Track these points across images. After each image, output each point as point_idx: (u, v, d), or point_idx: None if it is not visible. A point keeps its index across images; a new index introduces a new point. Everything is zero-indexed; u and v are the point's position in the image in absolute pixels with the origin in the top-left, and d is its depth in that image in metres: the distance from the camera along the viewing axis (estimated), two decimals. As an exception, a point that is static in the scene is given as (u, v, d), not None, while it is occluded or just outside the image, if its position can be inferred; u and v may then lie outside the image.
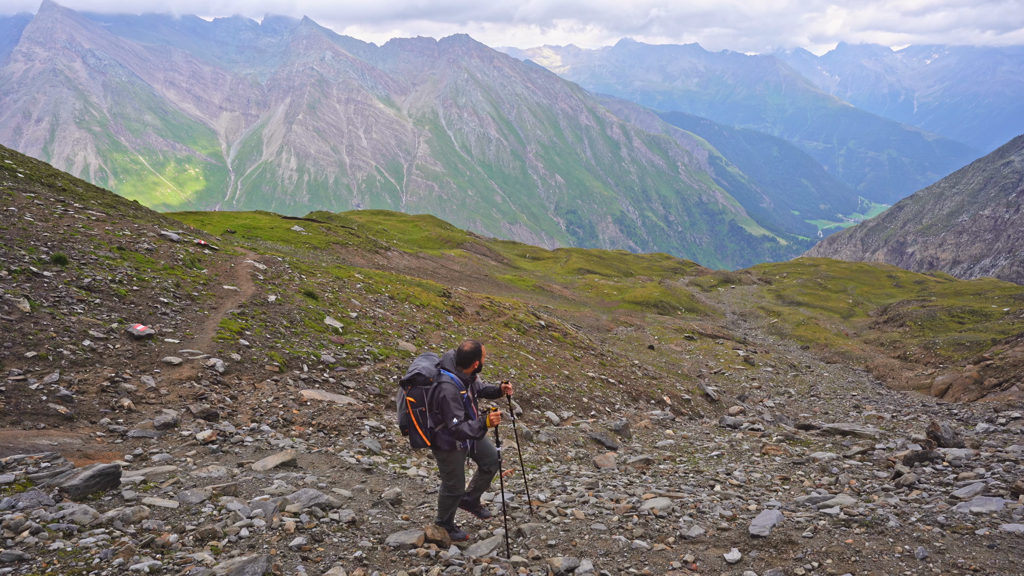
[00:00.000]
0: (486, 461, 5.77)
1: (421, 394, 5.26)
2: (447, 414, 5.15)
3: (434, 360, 5.46)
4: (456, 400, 5.18)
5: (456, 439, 5.22)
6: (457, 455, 5.39)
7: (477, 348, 5.40)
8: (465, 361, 5.36)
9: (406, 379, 5.33)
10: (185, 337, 9.79)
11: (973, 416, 12.92)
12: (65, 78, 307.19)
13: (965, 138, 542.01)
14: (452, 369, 5.37)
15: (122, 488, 5.39)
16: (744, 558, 4.88)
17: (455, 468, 5.45)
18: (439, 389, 5.21)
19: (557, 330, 20.59)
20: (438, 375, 5.29)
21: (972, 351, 25.32)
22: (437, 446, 5.33)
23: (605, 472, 8.57)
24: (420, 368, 5.32)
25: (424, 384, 5.25)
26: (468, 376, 5.43)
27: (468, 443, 5.40)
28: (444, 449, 5.32)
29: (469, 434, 5.17)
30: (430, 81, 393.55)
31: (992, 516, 5.29)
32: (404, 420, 5.38)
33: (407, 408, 5.32)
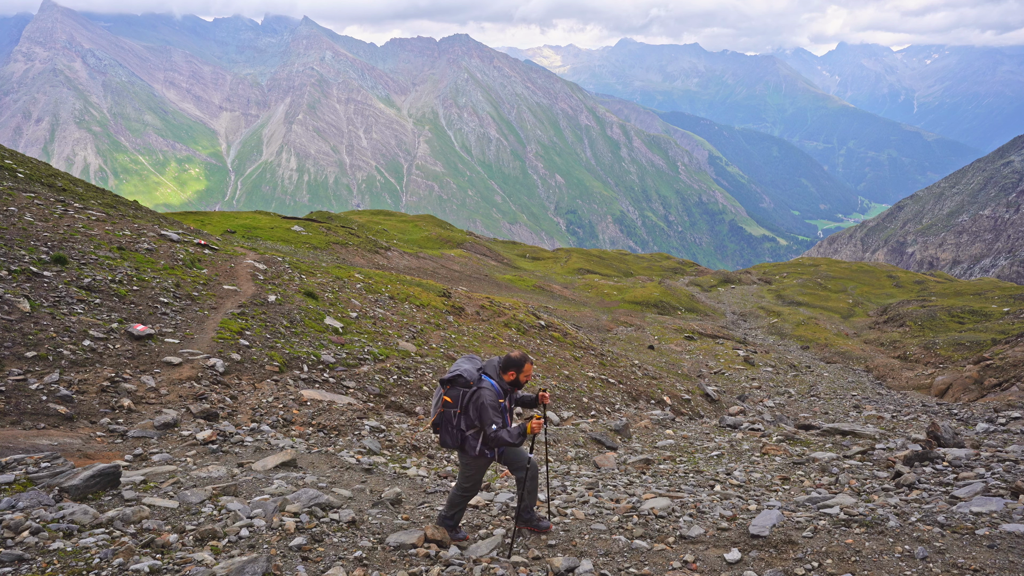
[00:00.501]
0: (516, 466, 5.62)
1: (459, 396, 5.21)
2: (484, 421, 5.08)
3: (477, 364, 5.40)
4: (494, 407, 5.10)
5: (493, 446, 5.13)
6: (482, 461, 5.32)
7: (522, 360, 5.31)
8: (505, 367, 5.29)
9: (447, 379, 5.27)
10: (185, 337, 9.79)
11: (973, 416, 12.92)
12: (65, 78, 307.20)
13: (965, 138, 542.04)
14: (494, 375, 5.31)
15: (122, 488, 5.39)
16: (744, 558, 4.88)
17: (476, 473, 5.40)
18: (477, 394, 5.15)
19: (557, 330, 20.59)
20: (479, 379, 5.23)
21: (972, 351, 25.32)
22: (464, 450, 5.28)
23: (605, 472, 8.57)
24: (462, 370, 5.25)
25: (464, 386, 5.20)
26: (508, 385, 5.33)
27: (498, 450, 5.31)
28: (471, 454, 5.26)
29: (508, 441, 5.07)
30: (430, 81, 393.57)
31: (992, 516, 5.29)
32: (437, 419, 5.35)
33: (442, 407, 5.28)
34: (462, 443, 5.26)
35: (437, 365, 12.81)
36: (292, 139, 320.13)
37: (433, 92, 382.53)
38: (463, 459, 5.37)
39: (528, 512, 5.63)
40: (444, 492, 6.80)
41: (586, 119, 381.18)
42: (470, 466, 5.36)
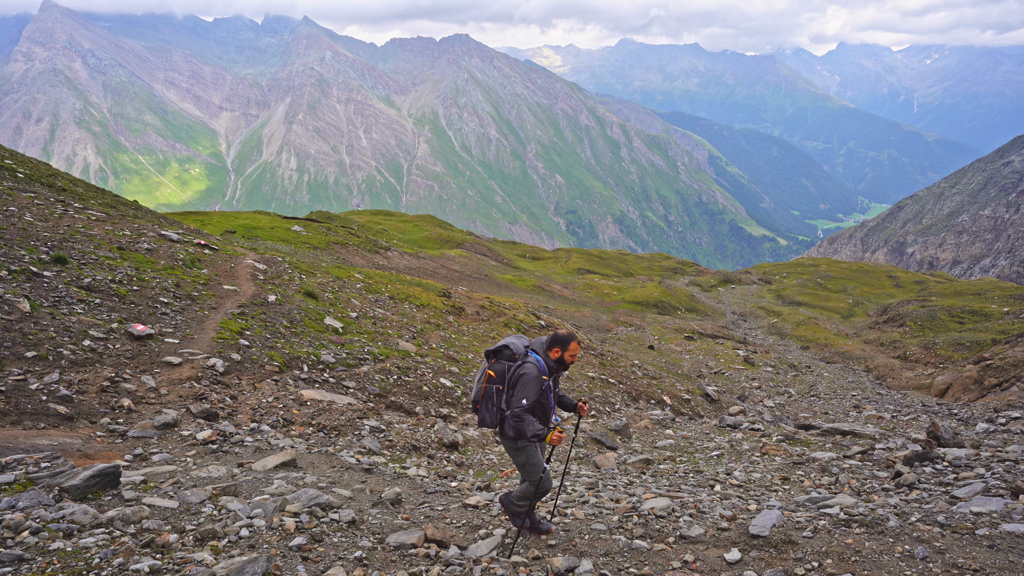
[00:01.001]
0: (528, 474, 5.38)
1: (503, 370, 4.96)
2: (518, 393, 4.81)
3: (525, 341, 5.16)
4: (535, 383, 4.83)
5: (513, 422, 4.83)
6: (527, 445, 5.00)
7: (568, 338, 5.05)
8: (550, 344, 5.04)
9: (492, 350, 5.04)
10: (185, 337, 9.79)
11: (973, 416, 12.92)
12: (65, 78, 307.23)
13: (965, 138, 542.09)
14: (540, 352, 5.06)
15: (122, 488, 5.39)
16: (744, 558, 4.88)
17: (529, 457, 5.02)
18: (522, 368, 4.89)
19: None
20: (525, 354, 5.00)
21: (972, 351, 25.32)
22: (504, 431, 4.98)
23: (605, 472, 8.57)
24: (509, 342, 5.01)
25: (509, 359, 4.97)
26: (553, 363, 5.06)
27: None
28: (511, 436, 4.95)
29: (525, 429, 4.80)
30: (430, 81, 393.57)
31: (992, 516, 5.29)
32: (477, 394, 5.09)
33: (484, 382, 5.03)
34: (501, 423, 4.97)
35: (437, 365, 12.82)
36: (292, 139, 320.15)
37: (433, 92, 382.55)
38: (506, 444, 5.04)
39: (521, 515, 5.39)
40: (444, 492, 6.79)
41: (586, 119, 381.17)
42: (520, 451, 4.99)
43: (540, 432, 4.84)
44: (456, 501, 6.41)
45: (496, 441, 10.15)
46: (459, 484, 7.28)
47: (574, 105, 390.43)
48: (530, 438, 4.81)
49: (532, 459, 5.01)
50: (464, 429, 10.33)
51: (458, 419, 10.86)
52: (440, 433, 9.36)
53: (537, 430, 4.82)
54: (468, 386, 12.32)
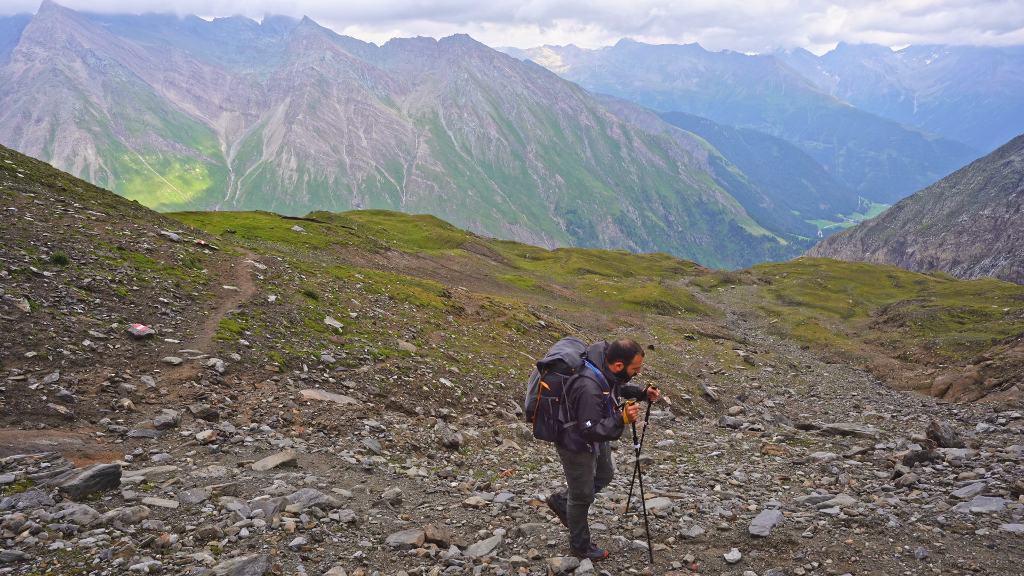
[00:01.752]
0: (604, 473, 5.12)
1: (558, 382, 4.70)
2: (580, 413, 4.59)
3: (580, 348, 4.88)
4: (596, 400, 4.58)
5: (588, 441, 4.65)
6: (586, 456, 4.81)
7: (632, 350, 4.72)
8: (612, 356, 4.74)
9: (546, 362, 4.76)
10: (185, 337, 9.79)
11: (973, 416, 12.92)
12: (65, 78, 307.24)
13: (965, 138, 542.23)
14: (598, 364, 4.77)
15: (122, 488, 5.38)
16: (744, 558, 4.88)
17: (583, 472, 4.85)
18: (579, 383, 4.63)
19: (557, 330, 20.59)
20: (581, 366, 4.71)
21: (972, 351, 25.31)
22: (563, 444, 4.76)
23: (605, 472, 8.57)
24: (563, 354, 4.74)
25: (564, 372, 4.69)
26: (614, 375, 4.78)
27: (599, 446, 4.82)
28: (571, 449, 4.74)
29: (603, 435, 4.56)
30: (430, 81, 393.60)
31: (992, 516, 5.29)
32: (532, 406, 4.86)
33: (539, 393, 4.79)
34: (560, 436, 4.74)
35: (437, 365, 12.81)
36: (292, 139, 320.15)
37: (433, 92, 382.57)
38: (564, 456, 4.86)
39: (576, 537, 5.12)
40: (444, 492, 6.79)
41: (586, 119, 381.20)
42: (573, 464, 4.83)
43: (617, 422, 4.61)
44: (456, 501, 6.41)
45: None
46: (459, 484, 7.28)
47: (574, 105, 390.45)
48: (613, 435, 4.58)
49: (586, 475, 4.86)
50: (464, 429, 10.33)
51: (458, 419, 10.86)
52: (440, 433, 9.36)
53: (609, 428, 4.59)
54: (468, 386, 12.32)
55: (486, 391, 12.49)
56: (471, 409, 11.49)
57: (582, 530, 4.99)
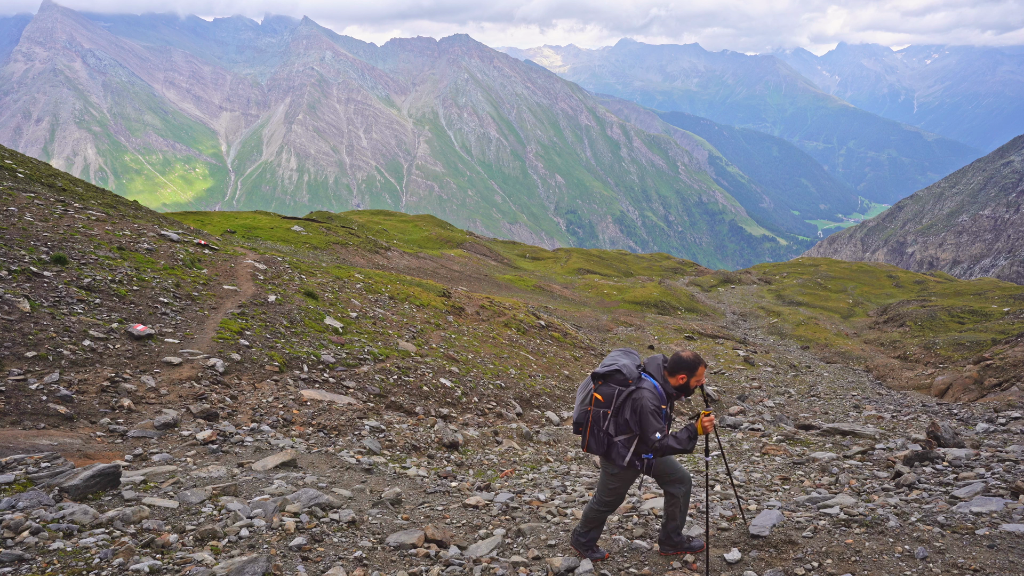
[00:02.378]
0: (670, 479, 4.84)
1: (612, 394, 4.51)
2: (646, 428, 4.41)
3: (635, 359, 4.69)
4: (656, 414, 4.42)
5: (660, 455, 4.47)
6: (631, 473, 4.67)
7: (695, 363, 4.55)
8: (674, 369, 4.56)
9: (601, 372, 4.58)
10: (185, 337, 9.79)
11: (973, 416, 12.91)
12: (65, 78, 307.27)
13: (965, 138, 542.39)
14: (657, 376, 4.59)
15: (122, 488, 5.38)
16: (744, 558, 4.88)
17: (622, 487, 4.78)
18: (637, 395, 4.45)
19: (557, 330, 20.59)
20: (638, 378, 4.54)
21: (972, 351, 25.31)
22: (611, 458, 4.61)
23: (605, 472, 8.56)
24: (620, 364, 4.55)
25: (620, 384, 4.51)
26: (674, 389, 4.60)
27: (647, 460, 4.59)
28: (618, 464, 4.59)
29: (677, 448, 4.41)
30: (430, 81, 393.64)
31: (992, 516, 5.29)
32: (582, 417, 4.69)
33: (591, 404, 4.62)
34: (608, 450, 4.59)
35: (437, 365, 12.81)
36: (292, 139, 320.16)
37: (433, 92, 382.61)
38: (608, 469, 4.72)
39: (678, 534, 4.95)
40: (444, 492, 6.79)
41: (586, 119, 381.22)
42: (616, 478, 4.71)
43: (690, 434, 4.44)
44: (456, 501, 6.41)
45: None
46: (459, 484, 7.28)
47: (574, 105, 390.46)
48: (686, 448, 4.43)
49: (623, 490, 4.77)
50: (464, 429, 10.33)
51: (458, 419, 10.86)
52: (440, 433, 9.36)
53: (683, 441, 4.43)
54: (468, 386, 12.31)
55: (486, 391, 12.49)
56: (471, 409, 11.49)
57: (593, 530, 4.93)
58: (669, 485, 4.85)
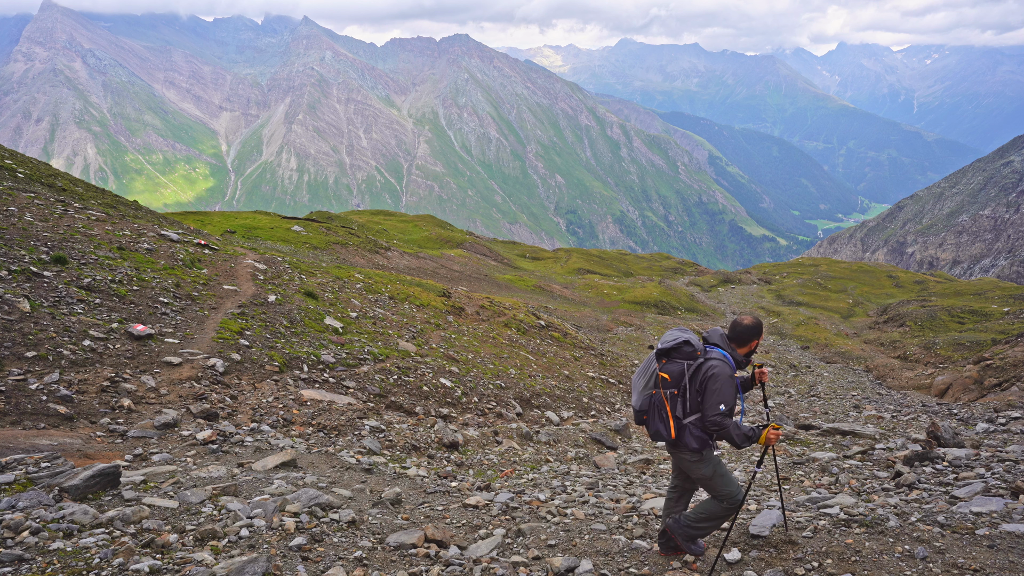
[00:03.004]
0: (719, 490, 4.50)
1: (681, 370, 4.11)
2: (710, 398, 4.02)
3: (690, 335, 4.32)
4: (730, 383, 4.03)
5: (714, 429, 4.07)
6: (711, 452, 4.28)
7: (758, 324, 4.25)
8: (743, 338, 4.22)
9: (667, 347, 4.17)
10: (185, 337, 9.79)
11: (973, 416, 12.91)
12: (65, 78, 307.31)
13: (965, 138, 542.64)
14: (724, 346, 4.26)
15: (122, 488, 5.38)
16: (744, 558, 4.88)
17: (718, 468, 4.31)
18: (708, 368, 4.06)
19: (557, 330, 20.58)
20: (705, 350, 4.19)
21: (972, 351, 25.31)
22: (683, 443, 4.21)
23: (605, 472, 8.57)
24: (687, 336, 4.18)
25: (688, 357, 4.14)
26: (742, 358, 4.28)
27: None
28: (693, 448, 4.20)
29: (732, 435, 4.06)
30: (430, 81, 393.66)
31: (992, 516, 5.29)
32: (645, 403, 4.25)
33: (657, 385, 4.19)
34: (679, 435, 4.18)
35: (437, 365, 12.81)
36: (292, 139, 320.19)
37: (433, 92, 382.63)
38: (686, 460, 4.28)
39: (691, 537, 4.63)
40: (444, 492, 6.78)
41: (586, 119, 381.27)
42: (705, 463, 4.24)
43: (751, 434, 4.11)
44: (456, 501, 6.41)
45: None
46: (459, 484, 7.27)
47: (574, 105, 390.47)
48: (739, 443, 4.08)
49: (720, 469, 4.33)
50: (464, 429, 10.33)
51: (458, 419, 10.86)
52: (440, 433, 9.36)
53: (746, 432, 4.09)
54: (468, 386, 12.30)
55: (486, 391, 12.49)
56: (471, 409, 11.49)
57: (708, 529, 4.54)
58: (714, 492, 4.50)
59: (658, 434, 4.30)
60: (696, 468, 4.35)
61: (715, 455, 4.37)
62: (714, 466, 4.36)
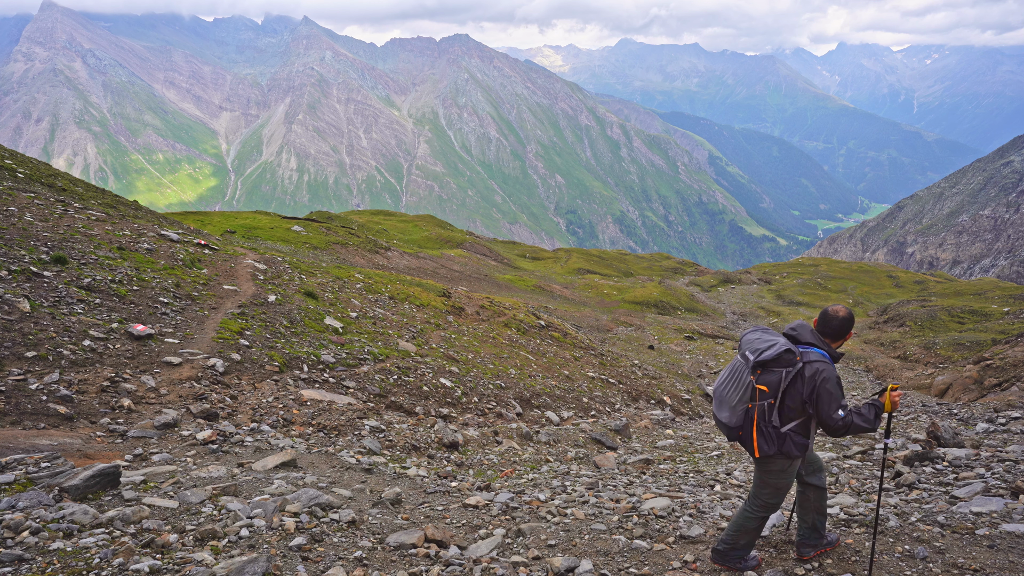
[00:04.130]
0: (812, 468, 4.37)
1: (779, 380, 3.86)
2: (828, 405, 3.79)
3: (772, 334, 4.08)
4: (839, 386, 3.82)
5: (844, 434, 3.85)
6: (797, 463, 4.08)
7: (852, 315, 4.04)
8: (839, 332, 3.99)
9: (767, 359, 3.87)
10: (185, 337, 9.79)
11: (973, 416, 12.91)
12: (65, 78, 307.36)
13: (965, 138, 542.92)
14: (819, 342, 3.99)
15: (122, 488, 5.38)
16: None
17: (790, 480, 4.16)
18: (815, 374, 3.81)
19: (557, 330, 20.58)
20: (802, 353, 3.91)
21: (972, 351, 25.31)
22: (783, 452, 3.97)
23: (605, 472, 8.57)
24: (782, 343, 3.89)
25: (788, 365, 3.85)
26: (837, 354, 4.03)
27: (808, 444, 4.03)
28: (794, 455, 3.99)
29: (864, 427, 3.83)
30: (430, 81, 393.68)
31: (992, 516, 5.29)
32: (741, 418, 3.98)
33: (754, 398, 3.92)
34: (781, 444, 3.96)
35: (437, 365, 12.81)
36: (292, 139, 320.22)
37: (433, 92, 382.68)
38: (775, 466, 4.07)
39: (818, 532, 4.43)
40: (444, 492, 6.78)
41: (586, 119, 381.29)
42: (786, 473, 4.09)
43: (876, 422, 3.90)
44: (456, 501, 6.40)
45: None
46: (459, 484, 7.27)
47: (574, 105, 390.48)
48: (872, 426, 3.85)
49: (790, 483, 4.15)
50: (464, 429, 10.33)
51: (458, 419, 10.86)
52: (440, 433, 9.36)
53: (870, 419, 3.87)
54: (468, 386, 12.30)
55: (486, 391, 12.48)
56: (471, 409, 11.49)
57: (751, 541, 4.38)
58: (811, 476, 4.32)
59: (764, 449, 4.03)
60: (779, 477, 4.14)
61: (797, 465, 4.20)
62: (790, 477, 4.18)
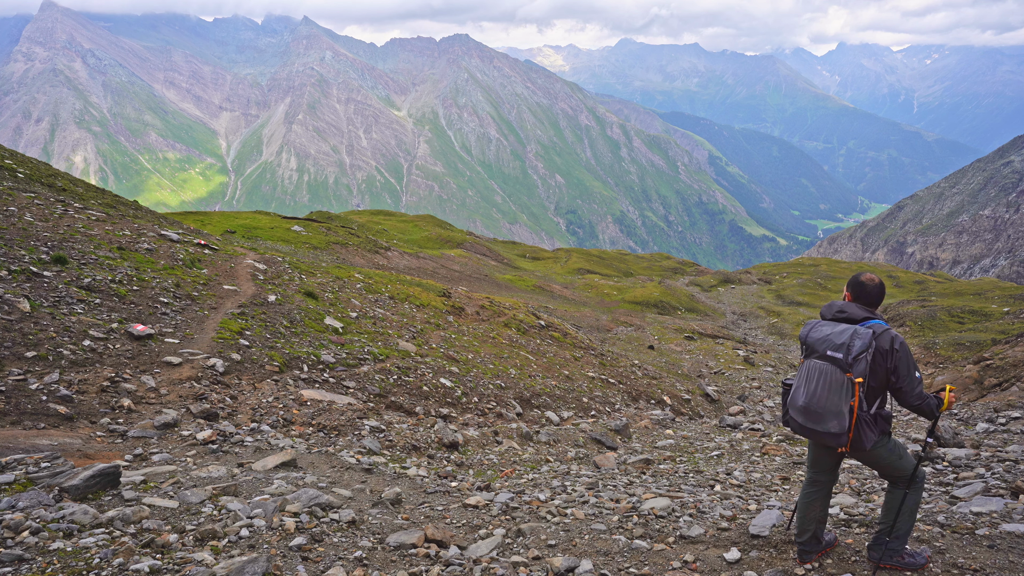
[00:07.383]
0: (894, 471, 4.13)
1: (864, 367, 3.69)
2: (907, 375, 3.67)
3: (833, 324, 3.88)
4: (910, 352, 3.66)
5: (920, 403, 3.73)
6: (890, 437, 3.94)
7: (883, 283, 3.92)
8: (879, 297, 3.85)
9: (858, 351, 3.66)
10: (185, 337, 9.79)
11: (973, 416, 12.91)
12: (65, 78, 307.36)
13: (965, 138, 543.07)
14: (872, 315, 3.87)
15: (122, 488, 5.38)
16: (744, 558, 4.88)
17: (898, 447, 3.97)
18: (890, 343, 3.65)
19: (557, 330, 20.58)
20: (872, 330, 3.70)
21: (972, 351, 25.30)
22: (883, 432, 3.90)
23: (605, 472, 8.57)
24: (860, 331, 3.70)
25: (863, 350, 3.67)
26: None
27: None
28: (888, 430, 3.90)
29: (929, 410, 3.76)
30: (430, 81, 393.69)
31: (992, 516, 5.29)
32: (847, 423, 3.73)
33: (854, 394, 3.69)
34: (879, 428, 3.87)
35: (437, 365, 12.81)
36: (292, 139, 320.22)
37: (433, 92, 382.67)
38: (881, 449, 3.95)
39: (901, 543, 4.15)
40: (444, 492, 6.78)
41: (586, 119, 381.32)
42: (892, 450, 3.97)
43: (936, 404, 3.84)
44: (456, 501, 6.40)
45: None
46: (459, 484, 7.27)
47: (574, 105, 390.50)
48: (937, 412, 3.79)
49: (898, 444, 4.01)
50: (464, 429, 10.33)
51: (458, 419, 10.86)
52: (440, 433, 9.36)
53: (936, 407, 3.79)
54: (468, 386, 12.30)
55: (486, 391, 12.48)
56: (471, 409, 11.49)
57: (909, 529, 4.11)
58: (892, 476, 4.12)
59: (869, 438, 3.90)
60: (888, 457, 3.99)
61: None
62: (900, 450, 4.02)
